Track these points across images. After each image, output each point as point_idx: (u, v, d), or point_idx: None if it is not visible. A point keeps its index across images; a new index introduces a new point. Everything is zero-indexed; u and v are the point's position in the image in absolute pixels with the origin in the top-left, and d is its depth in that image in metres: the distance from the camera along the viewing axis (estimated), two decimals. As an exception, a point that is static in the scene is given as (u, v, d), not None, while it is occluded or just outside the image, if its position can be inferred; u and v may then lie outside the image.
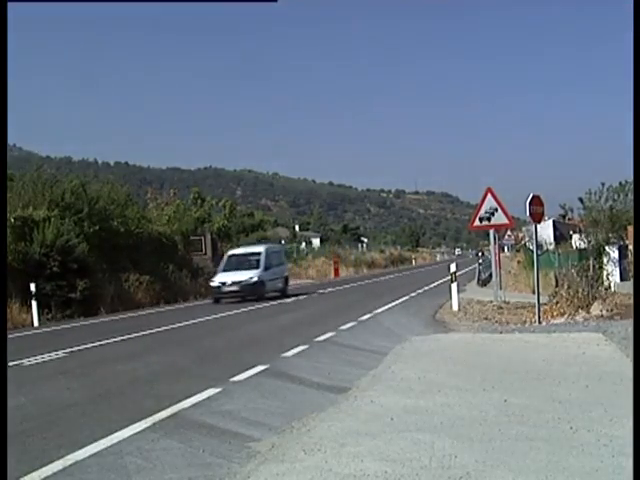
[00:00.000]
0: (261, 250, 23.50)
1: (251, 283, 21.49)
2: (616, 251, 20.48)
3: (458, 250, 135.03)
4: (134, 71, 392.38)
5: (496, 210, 15.52)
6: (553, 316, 13.04)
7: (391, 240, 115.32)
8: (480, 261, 31.08)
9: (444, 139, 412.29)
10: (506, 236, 33.27)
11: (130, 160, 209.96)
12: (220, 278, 22.08)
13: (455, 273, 15.54)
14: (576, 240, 28.06)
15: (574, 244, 28.77)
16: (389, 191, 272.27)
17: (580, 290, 13.47)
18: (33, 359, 10.11)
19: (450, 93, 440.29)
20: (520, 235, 47.53)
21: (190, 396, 6.41)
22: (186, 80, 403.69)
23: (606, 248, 21.32)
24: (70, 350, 11.03)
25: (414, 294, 21.12)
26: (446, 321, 13.23)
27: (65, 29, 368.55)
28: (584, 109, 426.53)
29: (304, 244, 67.57)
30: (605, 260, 20.53)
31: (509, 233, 34.43)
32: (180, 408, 5.99)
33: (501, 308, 15.27)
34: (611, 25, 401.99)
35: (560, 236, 43.41)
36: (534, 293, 12.92)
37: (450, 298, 15.68)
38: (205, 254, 31.65)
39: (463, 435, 4.70)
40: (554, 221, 47.18)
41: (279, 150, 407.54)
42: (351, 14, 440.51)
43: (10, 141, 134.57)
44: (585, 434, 4.62)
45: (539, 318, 12.22)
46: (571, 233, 36.64)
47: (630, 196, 23.58)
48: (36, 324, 18.13)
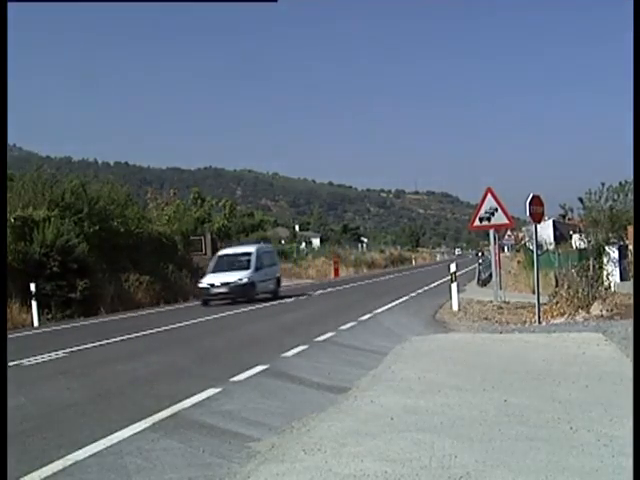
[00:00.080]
0: (252, 250, 22.73)
1: (241, 284, 20.80)
2: (616, 251, 20.48)
3: (458, 250, 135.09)
4: (134, 71, 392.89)
5: (496, 210, 15.53)
6: (553, 316, 13.05)
7: (391, 240, 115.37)
8: (480, 261, 31.10)
9: (444, 139, 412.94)
10: (506, 236, 33.27)
11: (130, 160, 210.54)
12: (209, 279, 21.34)
13: (455, 273, 15.54)
14: (576, 240, 28.07)
15: (574, 244, 28.78)
16: (389, 191, 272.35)
17: (580, 290, 13.48)
18: (33, 359, 10.11)
19: (450, 93, 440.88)
20: (520, 235, 47.54)
21: (190, 396, 6.41)
22: (186, 80, 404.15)
23: (606, 248, 21.32)
24: (70, 350, 11.03)
25: (414, 294, 21.12)
26: (446, 321, 13.23)
27: (65, 29, 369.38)
28: (584, 109, 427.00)
29: (304, 244, 67.58)
30: (605, 260, 20.53)
31: (509, 233, 34.44)
32: (180, 408, 5.99)
33: (501, 308, 15.28)
34: (611, 25, 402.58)
35: (560, 236, 43.42)
36: (534, 293, 12.93)
37: (450, 298, 15.68)
38: (205, 254, 31.61)
39: (463, 435, 4.70)
40: (554, 221, 47.19)
41: (279, 150, 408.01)
42: (351, 14, 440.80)
43: (10, 141, 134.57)
44: (585, 434, 4.61)
45: (539, 318, 12.22)
46: (571, 233, 36.65)
47: (630, 196, 23.60)
48: (36, 324, 18.14)
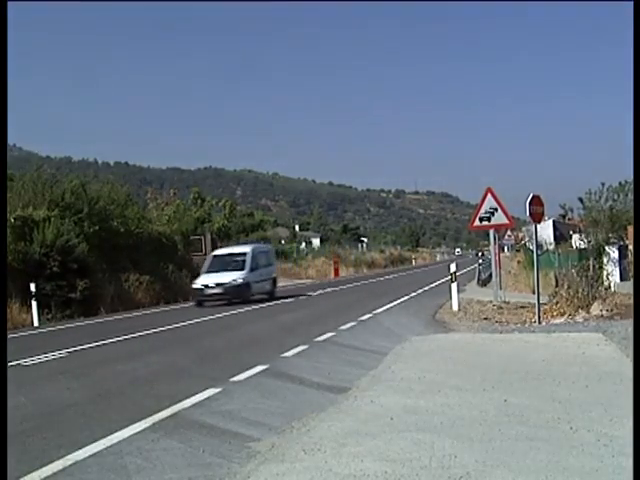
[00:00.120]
0: (247, 250, 22.31)
1: (236, 285, 20.44)
2: (616, 251, 20.50)
3: (458, 250, 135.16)
4: (134, 71, 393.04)
5: (496, 210, 15.52)
6: (553, 316, 13.04)
7: (391, 240, 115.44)
8: (480, 261, 31.13)
9: (444, 139, 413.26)
10: (506, 236, 33.21)
11: (130, 160, 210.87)
12: (203, 280, 20.92)
13: (455, 273, 15.54)
14: (576, 240, 28.08)
15: (574, 244, 28.80)
16: (389, 191, 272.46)
17: (580, 290, 13.47)
18: (33, 359, 10.10)
19: (450, 93, 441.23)
20: (520, 235, 47.57)
21: (190, 396, 6.41)
22: (186, 80, 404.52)
23: (606, 248, 21.34)
24: (70, 350, 11.03)
25: (414, 294, 21.12)
26: (446, 321, 13.23)
27: (65, 29, 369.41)
28: (584, 109, 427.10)
29: (304, 244, 67.60)
30: (605, 260, 20.55)
31: (509, 233, 34.37)
32: (180, 408, 5.99)
33: (501, 308, 15.27)
34: (611, 25, 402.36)
35: (560, 236, 43.44)
36: (534, 293, 12.92)
37: (450, 298, 15.68)
38: (205, 254, 31.54)
39: (463, 435, 4.70)
40: (554, 221, 47.19)
41: (279, 150, 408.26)
42: (351, 16, 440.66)
43: (10, 141, 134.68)
44: (585, 434, 4.61)
45: (539, 318, 12.22)
46: (571, 233, 36.67)
47: (630, 196, 23.62)
48: (36, 324, 18.15)
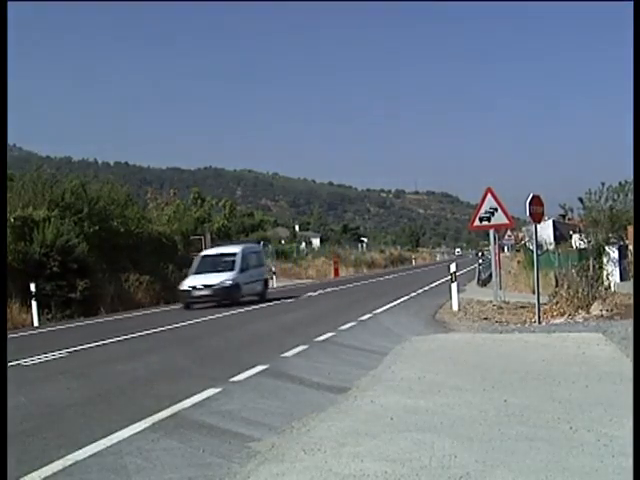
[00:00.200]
0: (237, 251, 21.45)
1: (225, 287, 19.62)
2: (616, 251, 20.52)
3: (458, 250, 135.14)
4: (135, 71, 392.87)
5: (496, 210, 15.53)
6: (553, 316, 13.05)
7: (391, 240, 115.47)
8: (480, 261, 31.11)
9: (444, 139, 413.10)
10: (506, 236, 33.21)
11: (130, 160, 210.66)
12: (190, 281, 20.07)
13: (455, 273, 15.53)
14: (576, 240, 28.11)
15: (574, 244, 28.82)
16: (389, 191, 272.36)
17: (580, 290, 13.48)
18: (34, 359, 10.10)
19: (450, 93, 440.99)
20: (520, 235, 47.55)
21: (190, 396, 6.40)
22: (186, 80, 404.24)
23: (606, 248, 21.35)
24: (70, 350, 11.03)
25: (414, 294, 21.12)
26: (446, 321, 13.23)
27: (65, 29, 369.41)
28: (584, 109, 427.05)
29: (304, 244, 67.57)
30: (605, 260, 20.57)
31: (509, 233, 34.37)
32: (180, 408, 5.98)
33: (501, 308, 15.28)
34: (611, 25, 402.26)
35: (560, 236, 43.45)
36: (534, 293, 12.92)
37: (450, 298, 15.68)
38: (205, 254, 31.60)
39: (463, 435, 4.70)
40: (554, 221, 47.19)
41: (279, 150, 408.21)
42: (351, 16, 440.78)
43: (10, 141, 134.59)
44: (585, 434, 4.61)
45: (539, 318, 12.22)
46: (571, 233, 36.68)
47: (630, 196, 23.63)
48: (36, 324, 18.14)
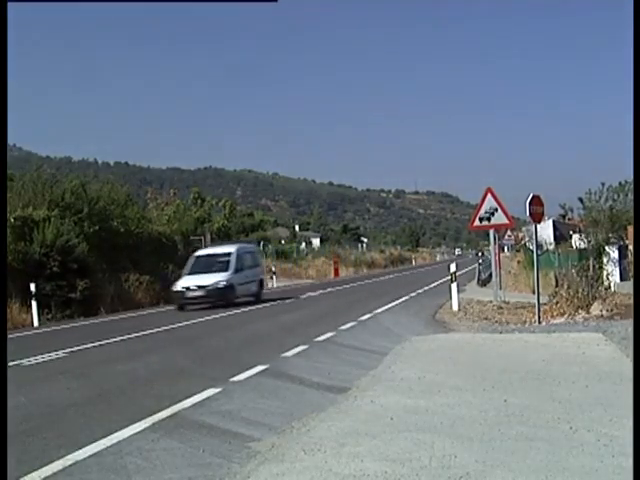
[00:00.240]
0: (232, 250, 21.10)
1: (219, 288, 19.27)
2: (616, 251, 20.51)
3: (458, 250, 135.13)
4: (135, 71, 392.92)
5: (496, 210, 15.54)
6: (553, 316, 13.05)
7: (391, 240, 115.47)
8: (480, 261, 31.13)
9: (444, 139, 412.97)
10: (506, 236, 33.21)
11: (130, 160, 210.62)
12: (184, 282, 19.71)
13: (455, 273, 15.54)
14: (576, 240, 28.09)
15: (574, 244, 28.80)
16: (389, 191, 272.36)
17: (580, 290, 13.48)
18: (33, 359, 10.10)
19: (450, 93, 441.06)
20: (520, 235, 47.49)
21: (190, 396, 6.40)
22: (187, 80, 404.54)
23: (606, 248, 21.35)
24: (70, 350, 11.03)
25: (414, 294, 21.12)
26: (446, 321, 13.23)
27: (65, 29, 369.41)
28: (584, 109, 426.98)
29: (304, 244, 67.55)
30: (605, 260, 20.57)
31: (509, 233, 34.38)
32: (180, 408, 5.98)
33: (501, 308, 15.28)
34: (611, 25, 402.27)
35: (560, 236, 43.42)
36: (534, 293, 12.93)
37: (450, 298, 15.68)
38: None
39: (463, 435, 4.70)
40: (554, 221, 47.17)
41: (279, 150, 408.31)
42: (351, 17, 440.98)
43: (10, 141, 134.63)
44: (585, 434, 4.61)
45: (539, 318, 12.22)
46: (571, 233, 36.66)
47: (630, 196, 23.62)
48: (36, 324, 18.14)
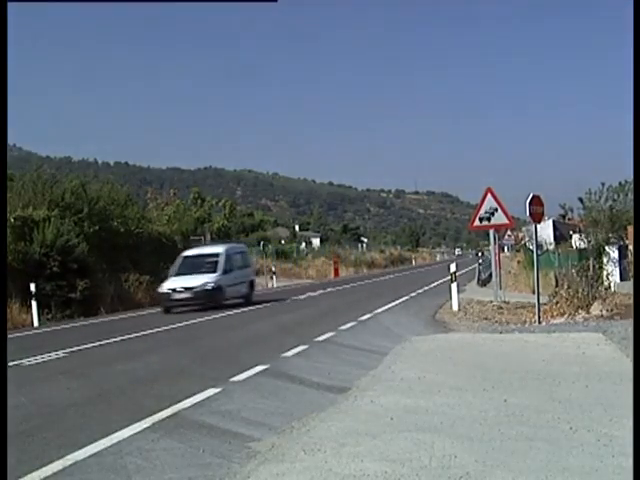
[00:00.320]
0: (220, 251, 20.52)
1: (206, 289, 18.62)
2: (616, 251, 20.49)
3: (458, 250, 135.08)
4: (135, 71, 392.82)
5: (496, 210, 15.53)
6: (553, 316, 13.05)
7: (391, 240, 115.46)
8: (480, 261, 31.10)
9: (444, 139, 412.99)
10: (506, 236, 33.23)
11: (130, 160, 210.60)
12: (170, 284, 19.05)
13: (455, 273, 15.54)
14: (576, 240, 28.07)
15: (574, 244, 28.78)
16: (389, 191, 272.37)
17: (580, 290, 13.48)
18: (33, 359, 10.10)
19: (450, 93, 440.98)
20: (520, 235, 47.47)
21: (190, 396, 6.40)
22: (187, 80, 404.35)
23: (606, 248, 21.33)
24: (70, 350, 11.03)
25: (414, 294, 21.11)
26: (446, 321, 13.23)
27: (65, 29, 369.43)
28: (584, 109, 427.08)
29: (304, 244, 67.58)
30: (605, 260, 20.55)
31: (509, 233, 34.40)
32: (180, 408, 5.98)
33: (501, 308, 15.28)
34: (611, 26, 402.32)
35: (560, 236, 43.40)
36: (534, 293, 12.92)
37: (450, 298, 15.68)
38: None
39: (463, 435, 4.70)
40: (554, 221, 47.15)
41: (279, 150, 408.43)
42: (351, 18, 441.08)
43: (10, 141, 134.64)
44: (585, 434, 4.61)
45: (539, 318, 12.22)
46: (571, 233, 36.63)
47: (630, 196, 23.59)
48: (36, 324, 18.14)
